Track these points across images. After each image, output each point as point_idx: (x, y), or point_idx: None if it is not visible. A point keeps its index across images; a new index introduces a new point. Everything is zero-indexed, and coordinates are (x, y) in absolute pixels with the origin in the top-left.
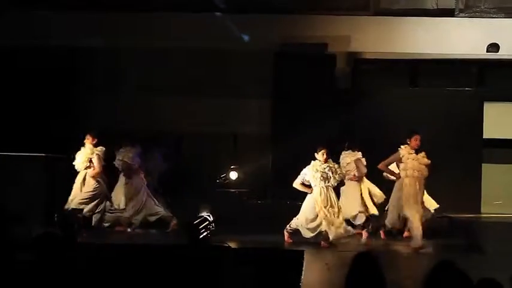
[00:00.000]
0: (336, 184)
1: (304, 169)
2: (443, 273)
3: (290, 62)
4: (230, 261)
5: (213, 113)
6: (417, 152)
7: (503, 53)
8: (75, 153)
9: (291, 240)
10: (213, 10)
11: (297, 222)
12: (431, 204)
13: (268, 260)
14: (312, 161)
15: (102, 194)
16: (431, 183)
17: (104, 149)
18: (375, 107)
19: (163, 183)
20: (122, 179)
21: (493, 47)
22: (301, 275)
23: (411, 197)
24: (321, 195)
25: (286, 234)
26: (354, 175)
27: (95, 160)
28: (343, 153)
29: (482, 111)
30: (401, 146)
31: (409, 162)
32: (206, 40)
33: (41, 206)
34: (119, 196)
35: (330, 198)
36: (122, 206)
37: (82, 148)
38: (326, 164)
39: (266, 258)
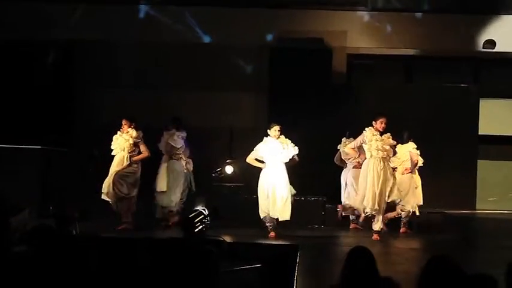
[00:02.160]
0: (287, 160)
1: (257, 145)
2: (438, 268)
3: (286, 57)
4: (225, 255)
5: (209, 107)
6: (382, 134)
7: (499, 50)
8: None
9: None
10: (209, 4)
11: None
12: (416, 200)
13: (263, 254)
14: (264, 137)
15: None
16: (427, 179)
17: (142, 133)
18: (370, 102)
19: None
20: (164, 163)
21: (489, 44)
22: (296, 269)
23: (376, 177)
24: (272, 168)
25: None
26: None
27: (141, 145)
28: (343, 140)
29: (477, 107)
30: (366, 129)
31: (373, 144)
32: (202, 34)
33: (37, 199)
34: (158, 179)
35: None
36: (164, 189)
37: (119, 132)
38: (279, 140)
39: (260, 252)
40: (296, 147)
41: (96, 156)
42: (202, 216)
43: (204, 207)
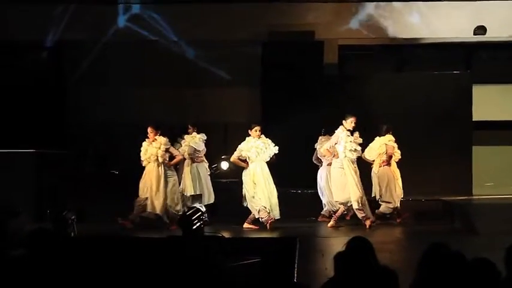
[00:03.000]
0: (268, 158)
1: (240, 145)
2: (437, 254)
3: (278, 51)
4: (224, 251)
5: (203, 103)
6: (352, 133)
7: (490, 35)
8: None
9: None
10: (200, 0)
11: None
12: (398, 193)
13: (262, 248)
14: (247, 137)
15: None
16: (422, 167)
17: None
18: (363, 92)
19: None
20: (186, 167)
21: (480, 30)
22: (295, 262)
23: (354, 174)
24: (256, 169)
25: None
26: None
27: (172, 149)
28: (320, 138)
29: (471, 94)
30: (339, 128)
31: (347, 145)
32: (195, 30)
33: (33, 202)
34: (186, 183)
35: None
36: (193, 192)
37: (146, 141)
38: (260, 140)
39: (259, 247)
40: (276, 147)
41: (91, 156)
42: (200, 213)
43: (201, 204)
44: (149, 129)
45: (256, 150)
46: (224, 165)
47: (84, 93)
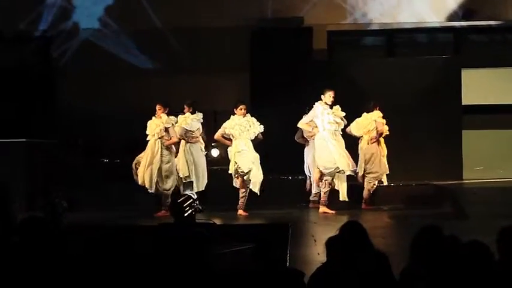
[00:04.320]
0: (253, 136)
1: (225, 123)
2: (430, 237)
3: (267, 37)
4: (216, 238)
5: (192, 90)
6: (332, 106)
7: (478, 19)
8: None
9: None
10: None
11: None
12: (383, 169)
13: (253, 235)
14: (232, 116)
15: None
16: (412, 152)
17: (176, 118)
18: (353, 78)
19: None
20: (181, 147)
21: (468, 14)
22: (287, 248)
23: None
24: (240, 144)
25: None
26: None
27: (171, 130)
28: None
29: (460, 78)
30: (315, 103)
31: (325, 118)
32: (183, 17)
33: (25, 191)
34: (180, 164)
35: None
36: (184, 174)
37: (153, 118)
38: (244, 118)
39: (251, 233)
40: (261, 126)
41: (81, 145)
42: (192, 200)
43: (192, 192)
44: (157, 106)
45: (240, 127)
46: (214, 152)
47: (73, 82)
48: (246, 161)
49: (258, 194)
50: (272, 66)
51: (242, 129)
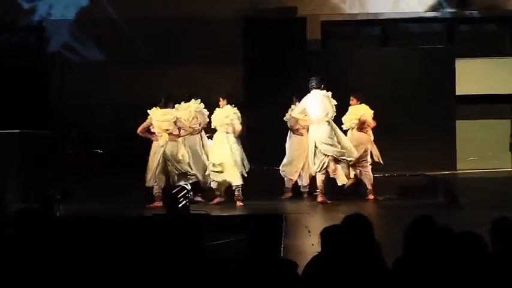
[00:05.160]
0: (230, 130)
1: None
2: (423, 226)
3: (260, 27)
4: (209, 229)
5: (186, 82)
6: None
7: (472, 9)
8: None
9: None
10: None
11: None
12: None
13: (247, 226)
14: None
15: None
16: (406, 142)
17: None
18: (347, 68)
19: None
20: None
21: (462, 3)
22: (281, 239)
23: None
24: (216, 138)
25: None
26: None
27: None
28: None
29: (453, 68)
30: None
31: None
32: (176, 8)
33: (19, 183)
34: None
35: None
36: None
37: (217, 109)
38: (223, 109)
39: (244, 224)
40: (237, 120)
41: (74, 136)
42: (185, 191)
43: (186, 183)
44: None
45: (219, 120)
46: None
47: (66, 73)
48: (215, 154)
49: (238, 186)
50: (266, 56)
51: (218, 122)
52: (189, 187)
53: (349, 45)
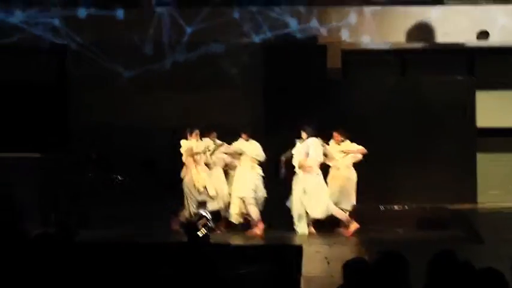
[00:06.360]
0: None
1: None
2: (445, 262)
3: (281, 54)
4: (231, 259)
5: (207, 107)
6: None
7: (493, 40)
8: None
9: None
10: (202, 4)
11: None
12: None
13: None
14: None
15: None
16: (426, 174)
17: None
18: (366, 97)
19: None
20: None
21: (483, 35)
22: (301, 269)
23: None
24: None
25: None
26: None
27: None
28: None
29: (474, 99)
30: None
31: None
32: (198, 33)
33: (37, 207)
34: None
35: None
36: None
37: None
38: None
39: (266, 254)
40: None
41: (94, 159)
42: (206, 220)
43: (206, 211)
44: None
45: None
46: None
47: (87, 95)
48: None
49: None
50: (286, 83)
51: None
52: (209, 216)
53: (369, 74)
